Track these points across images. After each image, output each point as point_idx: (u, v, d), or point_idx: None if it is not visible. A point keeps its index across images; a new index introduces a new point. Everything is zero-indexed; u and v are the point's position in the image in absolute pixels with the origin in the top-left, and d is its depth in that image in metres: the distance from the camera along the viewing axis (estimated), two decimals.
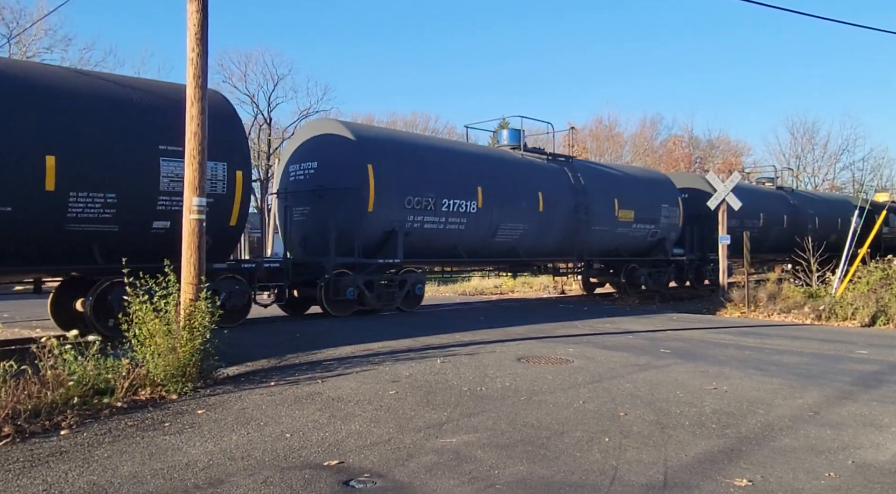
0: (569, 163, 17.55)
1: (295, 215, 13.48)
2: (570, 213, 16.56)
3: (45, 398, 5.52)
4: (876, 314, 12.80)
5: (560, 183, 16.61)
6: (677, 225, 19.83)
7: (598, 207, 17.36)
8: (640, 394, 6.37)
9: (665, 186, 20.24)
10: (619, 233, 18.14)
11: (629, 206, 18.24)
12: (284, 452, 4.66)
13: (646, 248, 19.33)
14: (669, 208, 19.49)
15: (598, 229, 17.43)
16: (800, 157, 54.94)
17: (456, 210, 14.00)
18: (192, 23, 7.24)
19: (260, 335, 10.03)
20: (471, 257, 14.93)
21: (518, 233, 15.39)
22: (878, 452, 4.71)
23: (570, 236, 16.73)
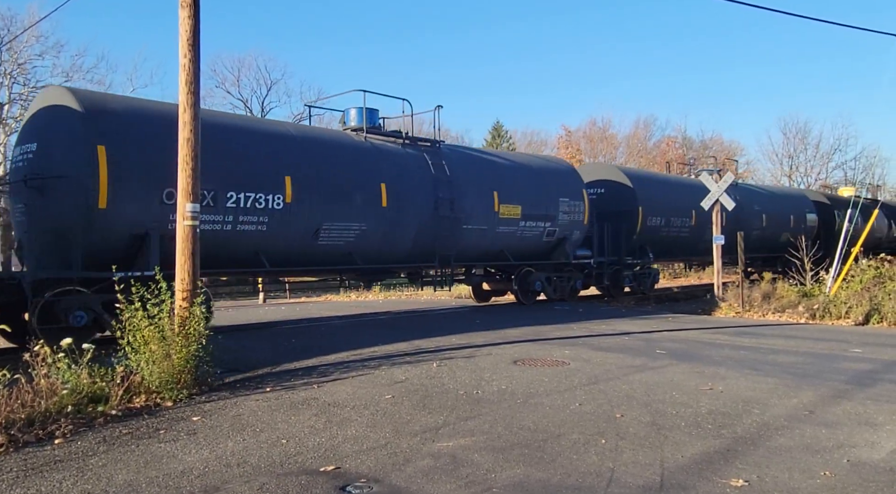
0: (433, 149, 14.28)
1: (16, 214, 10.51)
2: (430, 209, 13.50)
3: (39, 407, 5.49)
4: (869, 313, 12.86)
5: (415, 173, 13.50)
6: (581, 223, 16.90)
7: (470, 201, 14.30)
8: (637, 395, 6.38)
9: (566, 177, 17.17)
10: (503, 233, 15.13)
11: (514, 200, 15.24)
12: (280, 458, 4.65)
13: (543, 250, 16.47)
14: (571, 202, 16.57)
15: (471, 228, 14.37)
16: (792, 157, 55.24)
17: (251, 206, 10.71)
18: (184, 29, 7.24)
19: (256, 340, 10.01)
20: (281, 267, 11.68)
21: (353, 235, 12.31)
22: (873, 450, 4.73)
23: (430, 237, 13.61)
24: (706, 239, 21.10)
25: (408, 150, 13.94)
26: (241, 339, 9.94)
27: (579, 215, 16.85)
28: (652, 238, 19.31)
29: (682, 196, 20.65)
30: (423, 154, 13.98)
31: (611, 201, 18.83)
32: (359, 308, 17.02)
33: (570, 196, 16.64)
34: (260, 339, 10.20)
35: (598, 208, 18.33)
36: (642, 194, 18.92)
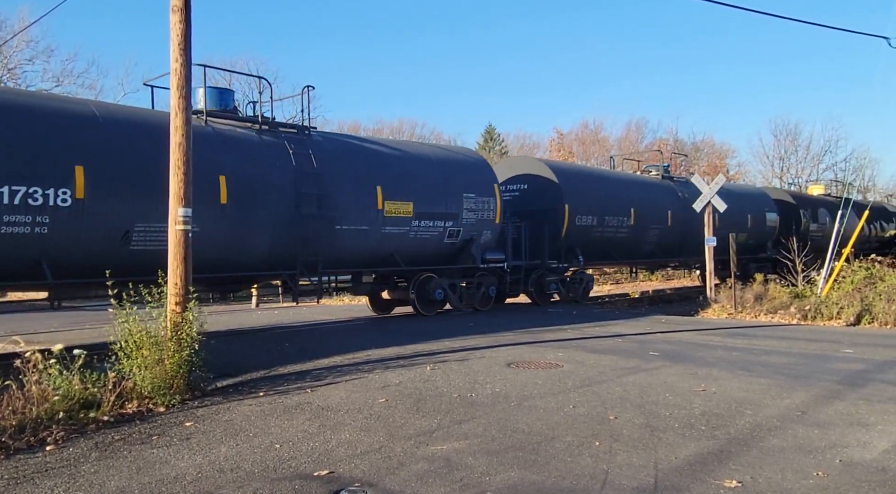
0: (299, 136, 12.21)
1: None
2: (290, 207, 11.49)
3: (30, 414, 5.45)
4: (861, 313, 12.94)
5: (271, 164, 11.46)
6: (492, 222, 14.86)
7: (346, 197, 12.24)
8: (630, 397, 6.39)
9: (473, 170, 15.02)
10: (391, 234, 13.02)
11: (404, 196, 13.17)
12: (274, 463, 4.63)
13: (447, 253, 14.36)
14: (479, 199, 14.51)
15: (347, 228, 12.29)
16: (783, 158, 55.56)
17: (23, 203, 8.64)
18: (175, 33, 7.21)
19: (249, 345, 9.98)
20: (78, 278, 9.35)
21: None
22: (866, 450, 4.75)
23: (292, 240, 11.53)
24: (649, 240, 19.84)
25: (265, 137, 11.77)
26: (233, 343, 9.90)
27: (489, 213, 14.76)
28: (582, 239, 17.48)
29: (619, 193, 18.99)
30: (285, 142, 11.84)
31: (534, 198, 17.08)
32: (353, 312, 16.99)
33: (477, 192, 14.53)
34: (253, 343, 10.16)
35: (520, 207, 16.92)
36: (570, 190, 17.16)
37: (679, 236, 20.59)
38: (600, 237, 18.16)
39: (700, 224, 19.65)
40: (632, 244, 19.41)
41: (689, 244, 20.45)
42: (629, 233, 18.99)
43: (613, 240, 18.65)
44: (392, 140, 18.49)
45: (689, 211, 19.82)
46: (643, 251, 20.01)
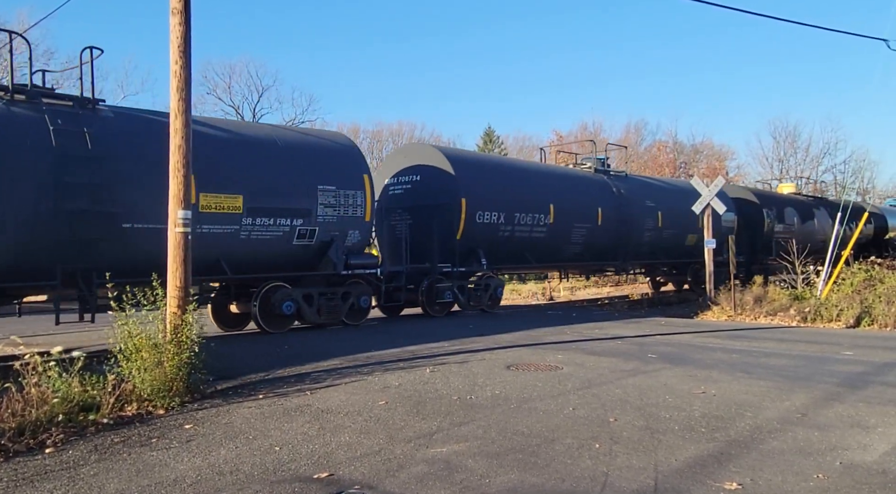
0: (75, 110, 9.73)
1: None
2: (47, 201, 9.12)
3: (30, 416, 5.45)
4: (860, 315, 12.95)
5: (17, 147, 8.96)
6: (362, 220, 12.50)
7: (141, 189, 9.74)
8: (630, 399, 6.39)
9: (335, 156, 12.45)
10: (213, 234, 10.55)
11: (230, 187, 10.77)
12: (274, 465, 4.62)
13: (300, 257, 11.87)
14: (342, 192, 12.08)
15: (140, 227, 9.81)
16: (783, 160, 55.60)
17: None
18: (175, 36, 7.22)
19: (248, 347, 9.97)
20: None
21: None
22: (866, 453, 4.75)
23: (50, 243, 9.13)
24: (575, 241, 17.20)
25: (15, 109, 9.24)
26: (233, 346, 9.89)
27: (356, 208, 12.29)
28: (486, 240, 15.00)
29: (535, 187, 16.50)
30: (45, 117, 9.33)
31: (427, 192, 14.62)
32: None
33: (338, 183, 12.04)
34: (252, 346, 10.15)
35: (411, 202, 14.78)
36: (469, 182, 14.65)
37: (613, 237, 18.23)
38: (510, 238, 15.62)
39: (639, 223, 18.62)
40: (552, 246, 16.78)
41: (627, 246, 18.61)
42: (548, 233, 16.39)
43: (528, 241, 16.07)
44: (222, 120, 15.33)
45: (626, 208, 18.29)
46: (567, 254, 17.51)
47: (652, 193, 20.22)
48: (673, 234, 20.26)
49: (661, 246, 20.11)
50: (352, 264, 12.42)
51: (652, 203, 19.66)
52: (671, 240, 20.32)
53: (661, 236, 19.88)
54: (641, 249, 19.40)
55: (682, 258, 21.13)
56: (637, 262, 20.20)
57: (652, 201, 19.76)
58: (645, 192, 20.00)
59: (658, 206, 19.80)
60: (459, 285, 14.87)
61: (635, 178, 21.37)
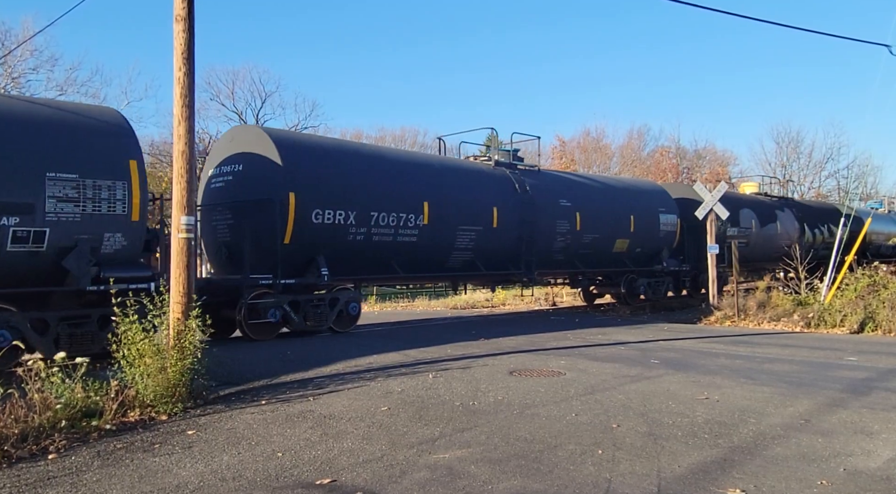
0: None
1: None
2: None
3: (33, 422, 5.45)
4: (864, 321, 12.90)
5: None
6: (125, 220, 9.44)
7: None
8: (633, 405, 6.38)
9: (85, 135, 9.34)
10: None
11: None
12: (276, 471, 4.62)
13: (26, 268, 8.78)
14: (87, 183, 9.06)
15: None
16: (785, 166, 55.54)
17: None
18: (178, 42, 7.26)
19: (251, 353, 9.97)
20: None
21: None
22: (870, 459, 4.73)
23: None
24: (461, 246, 14.32)
25: None
26: (235, 351, 9.90)
27: (117, 205, 9.36)
28: (330, 245, 12.10)
29: (403, 181, 13.44)
30: None
31: (248, 185, 11.84)
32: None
33: (84, 171, 9.08)
34: (255, 351, 10.15)
35: (230, 197, 12.07)
36: (302, 173, 11.89)
37: (513, 242, 15.37)
38: (365, 242, 12.63)
39: (547, 226, 15.92)
40: (429, 253, 13.85)
41: (532, 253, 15.75)
42: (422, 237, 13.51)
43: (392, 247, 13.13)
44: None
45: (533, 209, 15.51)
46: (453, 262, 14.49)
47: (569, 190, 17.09)
48: (596, 239, 17.36)
49: (581, 253, 17.17)
50: (105, 277, 9.12)
51: (567, 203, 16.58)
52: (594, 246, 17.39)
53: (581, 242, 16.96)
54: (554, 256, 16.63)
55: (608, 267, 18.31)
56: (549, 271, 17.24)
57: (568, 199, 16.65)
58: (559, 189, 16.81)
59: (576, 206, 16.75)
60: (293, 302, 11.85)
61: (550, 173, 18.37)
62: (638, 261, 18.90)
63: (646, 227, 18.71)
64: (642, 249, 18.80)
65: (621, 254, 18.35)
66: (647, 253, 19.03)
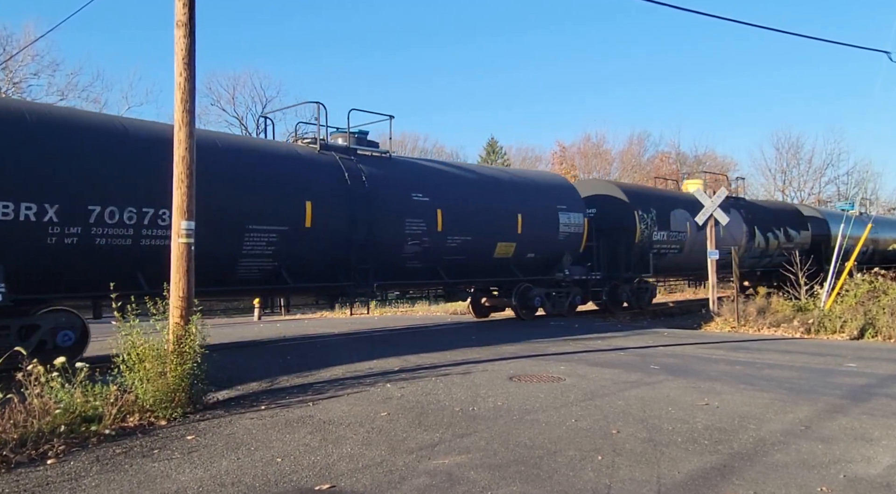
0: None
1: None
2: None
3: (32, 427, 5.45)
4: (864, 327, 12.90)
5: None
6: None
7: None
8: (632, 411, 6.37)
9: None
10: None
11: None
12: (275, 477, 4.61)
13: None
14: None
15: None
16: (785, 171, 55.62)
17: None
18: (179, 47, 7.28)
19: (251, 358, 9.97)
20: None
21: None
22: (870, 465, 4.73)
23: None
24: (252, 253, 10.82)
25: None
26: (236, 356, 9.89)
27: None
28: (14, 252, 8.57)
29: (146, 164, 9.56)
30: None
31: None
32: (354, 325, 16.97)
33: None
34: (255, 356, 10.15)
35: None
36: None
37: (340, 247, 11.97)
38: (76, 246, 9.04)
39: (396, 227, 12.65)
40: (204, 261, 8.22)
41: (370, 260, 12.38)
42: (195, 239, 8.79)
43: (132, 252, 9.53)
44: None
45: (372, 205, 12.21)
46: (242, 273, 11.07)
47: (426, 182, 13.66)
48: (467, 242, 13.99)
49: (447, 260, 13.87)
50: None
51: (423, 197, 13.28)
52: (465, 250, 14.04)
53: (444, 246, 13.58)
54: (406, 264, 13.25)
55: (490, 276, 15.34)
56: (398, 283, 14.11)
57: (425, 194, 13.29)
58: (413, 181, 13.34)
59: (437, 202, 13.37)
60: None
61: (405, 161, 14.56)
62: (530, 269, 15.88)
63: (540, 228, 15.63)
64: (536, 254, 15.82)
65: (506, 261, 15.20)
66: (542, 259, 16.11)
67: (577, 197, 17.15)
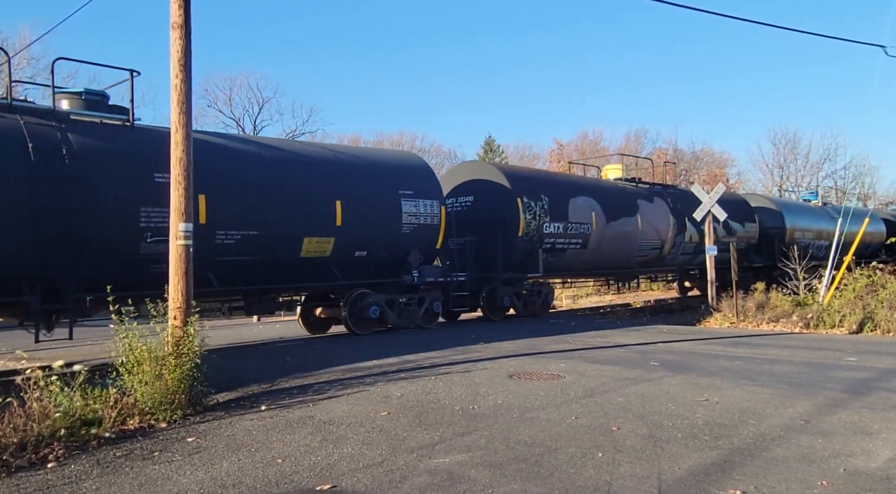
0: None
1: None
2: None
3: (32, 431, 5.44)
4: (863, 321, 12.92)
5: None
6: None
7: None
8: (633, 408, 6.37)
9: None
10: None
11: None
12: (276, 478, 4.61)
13: None
14: None
15: None
16: (783, 167, 55.66)
17: None
18: (175, 49, 7.27)
19: (250, 359, 9.96)
20: None
21: None
22: (870, 459, 4.73)
23: None
24: None
25: None
26: (235, 358, 9.88)
27: None
28: None
29: None
30: None
31: None
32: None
33: None
34: (254, 358, 10.14)
35: None
36: None
37: (24, 247, 8.90)
38: None
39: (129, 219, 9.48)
40: None
41: (82, 263, 9.33)
42: None
43: None
44: None
45: (82, 188, 9.21)
46: None
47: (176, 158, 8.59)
48: (250, 238, 10.93)
49: (222, 261, 10.69)
50: None
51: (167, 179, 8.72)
52: (249, 248, 10.94)
53: (213, 243, 10.45)
54: (145, 268, 9.78)
55: (299, 281, 12.15)
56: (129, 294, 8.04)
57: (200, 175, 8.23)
58: (160, 158, 8.29)
59: (199, 185, 8.12)
60: None
61: (153, 130, 10.73)
62: (363, 270, 12.63)
63: (372, 219, 12.57)
64: (369, 252, 12.66)
65: (323, 260, 11.98)
66: (381, 259, 12.94)
67: (431, 181, 13.80)
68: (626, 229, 17.98)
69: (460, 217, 15.43)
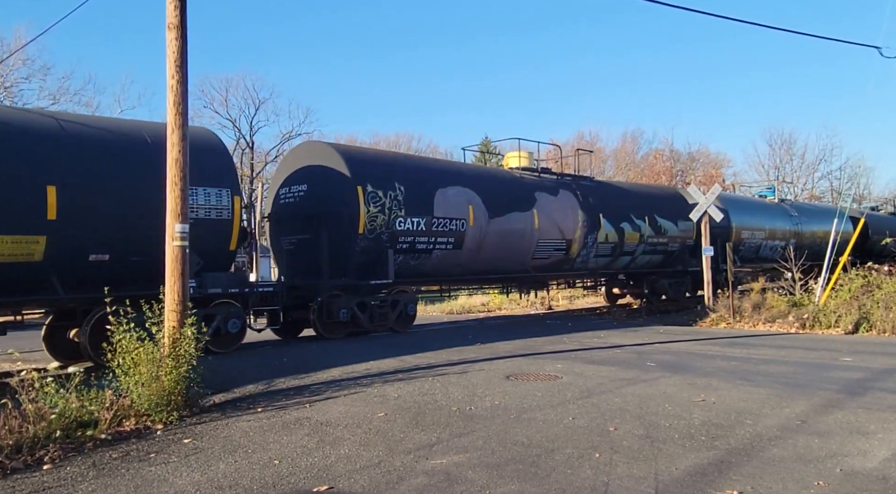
0: None
1: None
2: None
3: (27, 433, 5.42)
4: (859, 321, 12.95)
5: None
6: None
7: None
8: (629, 408, 6.38)
9: None
10: None
11: None
12: (273, 479, 4.60)
13: None
14: None
15: None
16: (779, 167, 55.78)
17: None
18: (171, 50, 7.26)
19: (247, 360, 9.94)
20: None
21: None
22: (866, 459, 4.74)
23: None
24: None
25: None
26: (231, 359, 9.86)
27: None
28: None
29: None
30: None
31: None
32: None
33: None
34: (251, 359, 10.12)
35: None
36: None
37: None
38: None
39: None
40: None
41: None
42: None
43: None
44: None
45: None
46: None
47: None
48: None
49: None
50: None
51: None
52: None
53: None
54: None
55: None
56: None
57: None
58: None
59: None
60: None
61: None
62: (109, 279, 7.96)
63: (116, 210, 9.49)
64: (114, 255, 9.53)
65: (27, 268, 8.80)
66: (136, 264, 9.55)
67: (222, 160, 10.89)
68: (518, 227, 14.92)
69: (294, 211, 12.95)
